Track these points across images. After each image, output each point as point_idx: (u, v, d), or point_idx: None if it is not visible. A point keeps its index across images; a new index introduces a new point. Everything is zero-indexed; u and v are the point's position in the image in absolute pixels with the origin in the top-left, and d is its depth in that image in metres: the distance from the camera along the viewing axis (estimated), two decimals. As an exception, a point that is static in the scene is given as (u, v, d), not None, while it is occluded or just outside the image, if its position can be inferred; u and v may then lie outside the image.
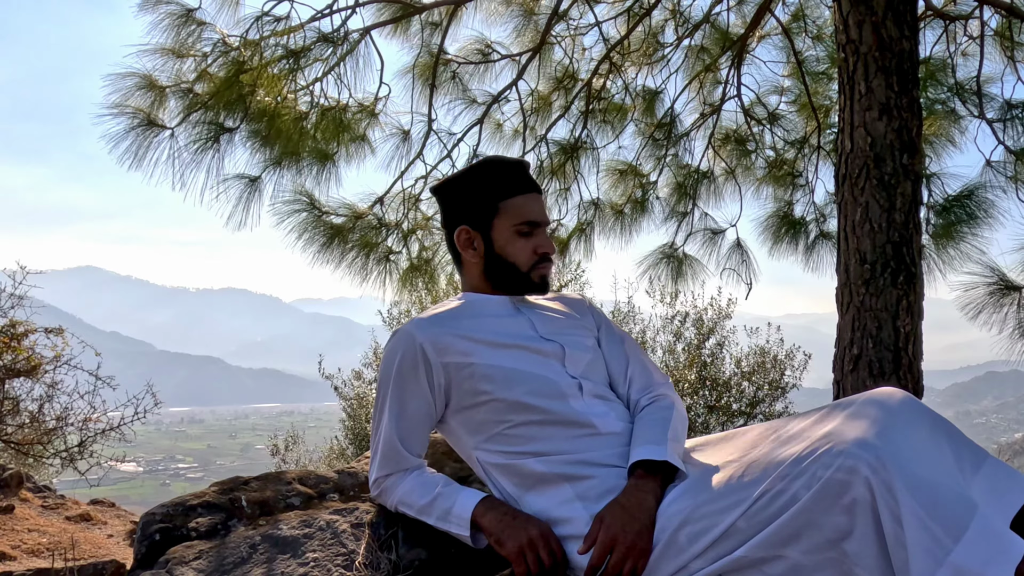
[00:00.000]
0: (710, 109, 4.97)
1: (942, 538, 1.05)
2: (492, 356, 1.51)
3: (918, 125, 2.68)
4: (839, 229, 2.78)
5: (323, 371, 7.90)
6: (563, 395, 1.50)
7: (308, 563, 1.46)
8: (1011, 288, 3.40)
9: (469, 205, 1.61)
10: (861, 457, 1.10)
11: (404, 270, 4.32)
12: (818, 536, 1.14)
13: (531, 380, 1.50)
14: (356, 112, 4.03)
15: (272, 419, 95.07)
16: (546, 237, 1.62)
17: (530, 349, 1.54)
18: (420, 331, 1.51)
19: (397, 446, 1.52)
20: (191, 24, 3.40)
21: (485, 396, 1.49)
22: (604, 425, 1.49)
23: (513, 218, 1.58)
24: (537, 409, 1.47)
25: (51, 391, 4.15)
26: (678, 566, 1.26)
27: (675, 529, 1.28)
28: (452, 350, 1.50)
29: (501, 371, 1.49)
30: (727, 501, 1.23)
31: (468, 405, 1.51)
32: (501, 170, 1.62)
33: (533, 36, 4.59)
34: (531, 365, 1.52)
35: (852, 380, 2.63)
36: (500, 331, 1.55)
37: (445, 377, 1.50)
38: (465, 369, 1.50)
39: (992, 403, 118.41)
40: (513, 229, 1.58)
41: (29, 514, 3.37)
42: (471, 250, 1.62)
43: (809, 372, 7.17)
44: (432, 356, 1.49)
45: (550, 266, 1.62)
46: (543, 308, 1.67)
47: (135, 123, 3.30)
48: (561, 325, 1.63)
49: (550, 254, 1.61)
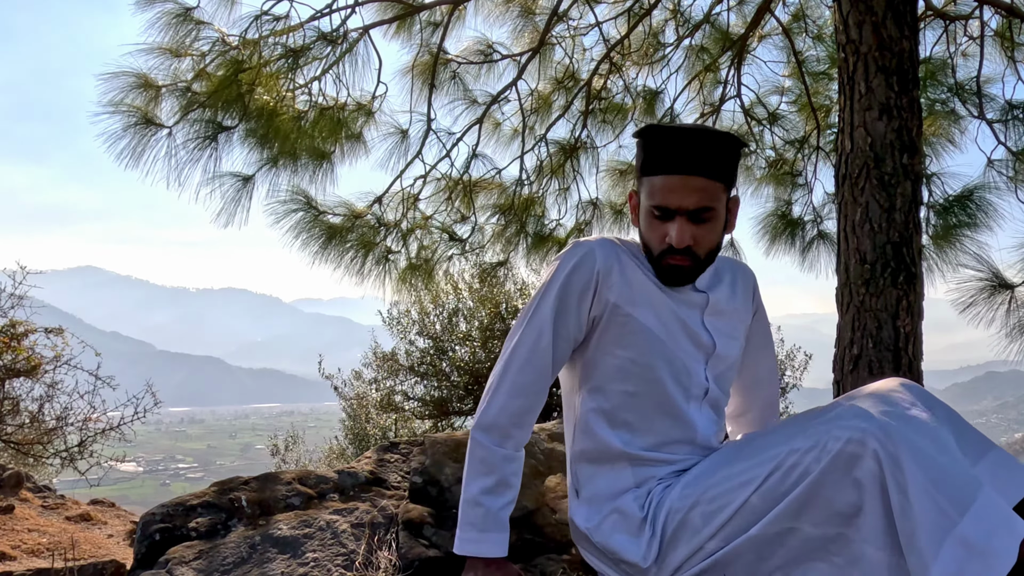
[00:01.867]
0: (710, 109, 4.97)
1: (948, 511, 1.06)
2: (652, 319, 1.43)
3: (918, 125, 2.68)
4: (839, 229, 2.78)
5: (323, 371, 7.90)
6: (689, 392, 1.46)
7: (308, 563, 1.46)
8: (1004, 286, 3.39)
9: (637, 166, 1.49)
10: (869, 431, 1.12)
11: (403, 269, 4.31)
12: (828, 509, 1.15)
13: (674, 363, 1.44)
14: (353, 111, 4.02)
15: (272, 419, 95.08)
16: (684, 227, 1.39)
17: (688, 331, 1.46)
18: (603, 254, 1.42)
19: (538, 377, 1.42)
20: (189, 23, 3.39)
21: (626, 352, 1.42)
22: (704, 438, 1.47)
23: (649, 198, 1.42)
24: (662, 390, 1.43)
25: (51, 391, 4.16)
26: (693, 548, 1.27)
27: (687, 510, 1.28)
28: (621, 290, 1.42)
29: (653, 338, 1.42)
30: (740, 479, 1.25)
31: (605, 351, 1.44)
32: (662, 140, 1.41)
33: (533, 36, 4.59)
34: (682, 349, 1.45)
35: (852, 380, 2.63)
36: (672, 297, 1.46)
37: (601, 310, 1.42)
38: (622, 316, 1.41)
39: (992, 403, 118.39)
40: (649, 209, 1.43)
41: (29, 514, 3.37)
42: (634, 215, 1.51)
43: (809, 372, 7.18)
44: (602, 285, 1.41)
45: (684, 260, 1.42)
46: (721, 291, 1.55)
47: (132, 121, 3.29)
48: (726, 316, 1.53)
49: (678, 247, 1.40)
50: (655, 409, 1.44)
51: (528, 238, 4.78)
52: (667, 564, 1.30)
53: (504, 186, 4.67)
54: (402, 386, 7.20)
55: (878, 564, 1.13)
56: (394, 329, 7.14)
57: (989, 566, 1.03)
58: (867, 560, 1.13)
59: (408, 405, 7.13)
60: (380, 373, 7.32)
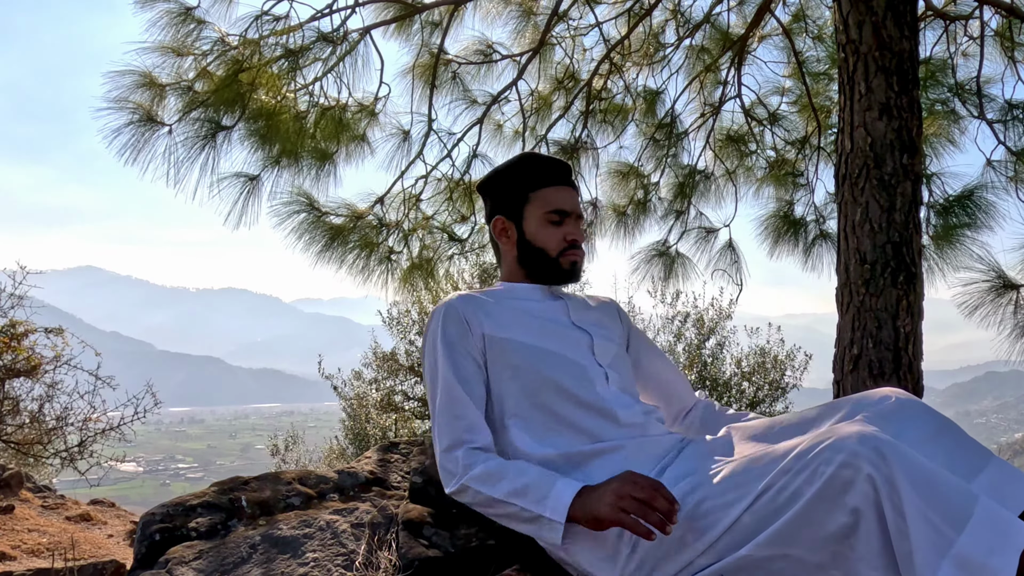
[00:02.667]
0: (711, 109, 4.97)
1: (945, 530, 1.05)
2: (526, 334, 1.57)
3: (918, 125, 2.68)
4: (839, 229, 2.77)
5: (323, 371, 7.90)
6: (590, 380, 1.54)
7: (308, 563, 1.46)
8: (1009, 286, 3.39)
9: (504, 196, 1.70)
10: (861, 453, 1.10)
11: (405, 270, 4.32)
12: (822, 533, 1.13)
13: (562, 361, 1.55)
14: (356, 112, 4.03)
15: (272, 419, 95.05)
16: (576, 226, 1.68)
17: (561, 332, 1.61)
18: (460, 302, 1.59)
19: (464, 404, 1.49)
20: (190, 22, 3.39)
21: (517, 369, 1.54)
22: (626, 416, 1.51)
23: (542, 206, 1.65)
24: (565, 390, 1.52)
25: (51, 391, 4.16)
26: (684, 563, 1.26)
27: (679, 526, 1.27)
28: (489, 323, 1.57)
29: (534, 349, 1.55)
30: (732, 496, 1.23)
31: (501, 378, 1.55)
32: (533, 163, 1.70)
33: (533, 36, 4.59)
34: (562, 347, 1.58)
35: (852, 380, 2.63)
36: (534, 313, 1.63)
37: (481, 344, 1.56)
38: (500, 343, 1.55)
39: (992, 403, 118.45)
40: (543, 217, 1.65)
41: (29, 514, 3.37)
42: (505, 238, 1.70)
43: (809, 372, 7.17)
44: (472, 324, 1.56)
45: (580, 254, 1.68)
46: (575, 299, 1.76)
47: (134, 119, 3.30)
48: (592, 316, 1.71)
49: (579, 241, 1.67)
50: (566, 406, 1.51)
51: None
52: None
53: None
54: (402, 386, 7.21)
55: None
56: (394, 329, 7.15)
57: None
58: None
59: (408, 405, 7.13)
60: (380, 373, 7.32)
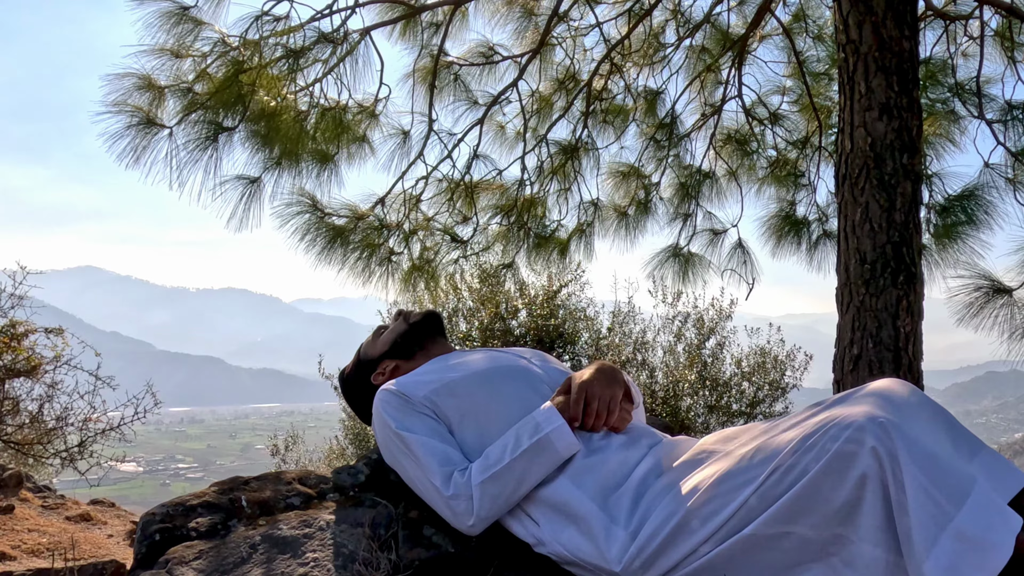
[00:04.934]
0: (711, 109, 4.97)
1: (944, 505, 1.06)
2: (464, 369, 1.67)
3: (918, 125, 2.68)
4: (839, 229, 2.78)
5: (323, 371, 7.89)
6: (534, 381, 1.67)
7: (308, 563, 1.46)
8: (1001, 291, 3.39)
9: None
10: (867, 428, 1.12)
11: (406, 270, 4.32)
12: (827, 509, 1.14)
13: (506, 372, 1.67)
14: (356, 113, 4.03)
15: (272, 419, 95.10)
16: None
17: (494, 355, 1.74)
18: (392, 385, 1.64)
19: (442, 449, 1.55)
20: (187, 22, 3.38)
21: (471, 400, 1.61)
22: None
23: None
24: (515, 393, 1.62)
25: (51, 391, 4.15)
26: (687, 550, 1.26)
27: (683, 513, 1.27)
28: (425, 385, 1.63)
29: (477, 375, 1.65)
30: (739, 479, 1.24)
31: (463, 418, 1.60)
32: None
33: (533, 37, 4.59)
34: (501, 362, 1.70)
35: (852, 380, 2.63)
36: (459, 354, 1.76)
37: (431, 404, 1.61)
38: (447, 386, 1.62)
39: (992, 403, 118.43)
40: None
41: (29, 514, 3.37)
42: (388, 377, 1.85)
43: (809, 372, 7.16)
44: (412, 396, 1.61)
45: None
46: None
47: (134, 121, 3.30)
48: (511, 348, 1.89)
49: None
50: (526, 412, 1.57)
51: (530, 239, 4.79)
52: (657, 567, 1.29)
53: (505, 187, 4.68)
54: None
55: (876, 562, 1.12)
56: (394, 329, 7.13)
57: (985, 559, 1.03)
58: (865, 558, 1.13)
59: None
60: (380, 373, 7.30)
